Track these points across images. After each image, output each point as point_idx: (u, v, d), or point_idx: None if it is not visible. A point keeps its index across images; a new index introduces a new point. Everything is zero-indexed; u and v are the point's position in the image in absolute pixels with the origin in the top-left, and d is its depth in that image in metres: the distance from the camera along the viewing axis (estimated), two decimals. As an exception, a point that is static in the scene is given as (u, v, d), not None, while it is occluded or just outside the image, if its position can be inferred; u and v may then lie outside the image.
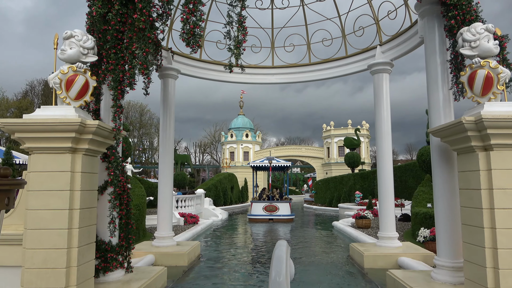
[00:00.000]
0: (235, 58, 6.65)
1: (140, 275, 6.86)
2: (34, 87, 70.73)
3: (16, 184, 1.85)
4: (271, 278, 2.40)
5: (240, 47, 6.28)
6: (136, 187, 15.34)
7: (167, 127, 10.50)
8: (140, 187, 15.49)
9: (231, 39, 6.41)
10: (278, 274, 2.41)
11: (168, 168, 10.39)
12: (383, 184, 10.04)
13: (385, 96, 10.20)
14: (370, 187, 28.56)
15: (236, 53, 6.45)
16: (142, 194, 14.71)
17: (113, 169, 6.16)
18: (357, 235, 13.60)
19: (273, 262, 2.63)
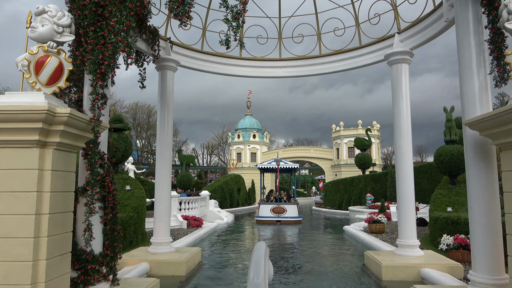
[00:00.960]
0: (233, 32, 5.70)
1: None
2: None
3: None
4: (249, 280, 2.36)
5: (239, 18, 5.34)
6: (136, 188, 14.54)
7: (164, 124, 9.66)
8: (140, 189, 14.68)
9: (228, 8, 5.46)
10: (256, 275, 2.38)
11: (166, 168, 9.54)
12: (402, 186, 9.06)
13: (404, 89, 9.24)
14: (382, 190, 27.46)
15: (234, 26, 5.50)
16: (141, 196, 13.90)
17: (90, 167, 5.30)
18: (371, 241, 12.60)
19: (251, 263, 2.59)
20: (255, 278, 2.39)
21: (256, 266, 2.56)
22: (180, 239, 13.08)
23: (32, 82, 4.71)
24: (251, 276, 2.44)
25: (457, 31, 6.15)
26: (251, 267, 2.56)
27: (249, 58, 11.52)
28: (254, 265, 2.58)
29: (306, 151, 46.85)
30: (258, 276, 2.42)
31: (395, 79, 9.34)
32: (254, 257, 2.72)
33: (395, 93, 9.32)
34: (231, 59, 11.29)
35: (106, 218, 5.91)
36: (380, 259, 8.45)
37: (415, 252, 8.74)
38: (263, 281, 2.38)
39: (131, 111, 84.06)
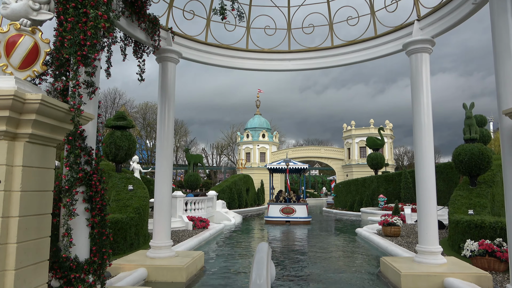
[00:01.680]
0: (231, 1, 5.02)
1: (116, 301, 5.38)
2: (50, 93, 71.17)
3: None
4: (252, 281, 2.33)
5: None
6: (139, 188, 13.98)
7: (165, 119, 9.04)
8: (144, 188, 14.12)
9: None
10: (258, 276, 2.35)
11: (166, 166, 8.92)
12: (423, 187, 8.28)
13: (425, 81, 8.46)
14: (396, 191, 26.51)
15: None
16: (144, 196, 13.32)
17: (69, 163, 4.68)
18: (387, 245, 11.80)
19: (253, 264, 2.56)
20: (257, 279, 2.35)
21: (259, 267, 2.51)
22: (183, 242, 12.46)
23: (2, 65, 4.10)
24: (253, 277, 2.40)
25: (492, 9, 5.38)
26: (254, 268, 2.51)
27: (256, 50, 10.85)
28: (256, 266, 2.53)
29: (317, 151, 45.89)
30: (260, 277, 2.38)
31: (414, 70, 8.57)
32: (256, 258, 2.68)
33: (414, 86, 8.54)
34: (237, 51, 10.64)
35: (93, 220, 5.30)
36: (398, 267, 7.69)
37: (437, 259, 7.96)
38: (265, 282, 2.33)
39: (141, 111, 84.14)
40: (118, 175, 14.74)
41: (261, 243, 3.09)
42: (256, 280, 2.41)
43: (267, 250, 3.00)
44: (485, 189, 14.26)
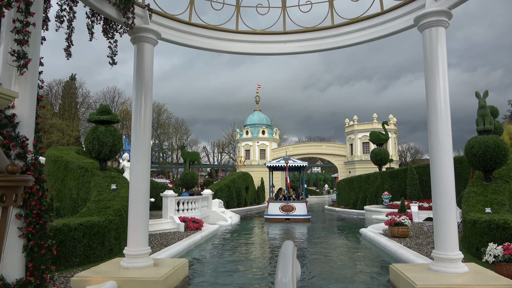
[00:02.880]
0: None
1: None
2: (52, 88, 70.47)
3: (24, 180, 1.84)
4: (277, 279, 2.34)
5: None
6: (123, 187, 12.84)
7: (141, 108, 7.87)
8: (127, 188, 12.95)
9: None
10: (284, 275, 2.36)
11: (143, 162, 7.75)
12: (440, 183, 7.10)
13: (441, 60, 7.25)
14: (401, 187, 25.30)
15: None
16: (127, 196, 12.14)
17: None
18: (396, 248, 10.62)
19: (279, 262, 2.55)
20: (283, 277, 2.34)
21: (284, 265, 2.48)
22: (171, 246, 11.32)
23: None
24: (279, 276, 2.38)
25: None
26: (279, 267, 2.48)
27: (248, 32, 9.66)
28: (282, 264, 2.49)
29: (318, 148, 44.53)
30: (286, 275, 2.35)
31: (429, 48, 7.37)
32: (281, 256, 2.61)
33: (429, 65, 7.34)
34: (225, 32, 9.45)
35: (28, 230, 4.14)
36: (412, 277, 6.52)
37: (457, 267, 6.77)
38: (291, 280, 2.31)
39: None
40: (101, 174, 13.62)
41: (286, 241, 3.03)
42: (282, 278, 2.36)
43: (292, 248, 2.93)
44: (502, 184, 13.05)
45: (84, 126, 66.92)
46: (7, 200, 1.82)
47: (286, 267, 2.51)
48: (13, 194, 1.83)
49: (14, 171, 1.81)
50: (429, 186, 23.33)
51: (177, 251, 10.70)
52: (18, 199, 1.88)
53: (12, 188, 1.81)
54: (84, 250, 9.02)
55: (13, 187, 1.82)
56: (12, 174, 1.80)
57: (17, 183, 1.83)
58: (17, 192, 1.86)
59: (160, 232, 14.79)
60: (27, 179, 1.93)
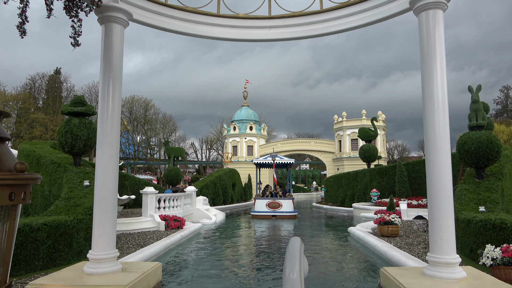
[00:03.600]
0: None
1: None
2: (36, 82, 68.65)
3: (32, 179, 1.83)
4: (285, 275, 2.31)
5: None
6: (98, 183, 11.98)
7: (108, 95, 7.07)
8: (103, 184, 12.12)
9: None
10: (291, 271, 2.32)
11: (110, 156, 6.97)
12: (436, 181, 6.49)
13: (439, 45, 6.64)
14: (389, 185, 24.89)
15: None
16: (102, 193, 11.31)
17: None
18: (385, 249, 10.04)
19: (286, 258, 2.50)
20: (290, 274, 2.30)
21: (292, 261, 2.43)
22: (147, 247, 10.56)
23: None
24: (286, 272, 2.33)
25: None
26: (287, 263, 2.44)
27: (230, 16, 8.92)
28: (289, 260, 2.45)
29: (306, 144, 43.97)
30: (293, 271, 2.31)
31: (425, 32, 6.74)
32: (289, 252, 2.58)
33: (425, 51, 6.72)
34: (205, 16, 8.69)
35: None
36: (406, 284, 5.91)
37: (455, 272, 6.19)
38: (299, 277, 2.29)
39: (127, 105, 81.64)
40: (75, 169, 12.74)
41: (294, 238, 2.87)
42: (289, 275, 2.30)
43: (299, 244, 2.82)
44: (494, 182, 12.60)
45: (68, 121, 65.17)
46: (16, 198, 1.81)
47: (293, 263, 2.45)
48: (21, 192, 1.83)
49: (23, 169, 1.82)
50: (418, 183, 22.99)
51: (153, 252, 9.94)
52: (26, 197, 1.87)
53: (21, 186, 1.82)
54: (48, 253, 8.20)
55: (22, 185, 1.83)
56: (21, 172, 1.81)
57: (26, 181, 1.83)
58: (25, 190, 1.86)
59: (138, 231, 13.99)
60: (35, 177, 1.91)
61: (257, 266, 9.46)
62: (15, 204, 1.81)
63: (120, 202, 17.96)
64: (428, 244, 11.25)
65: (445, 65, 6.67)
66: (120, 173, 22.46)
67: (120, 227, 13.78)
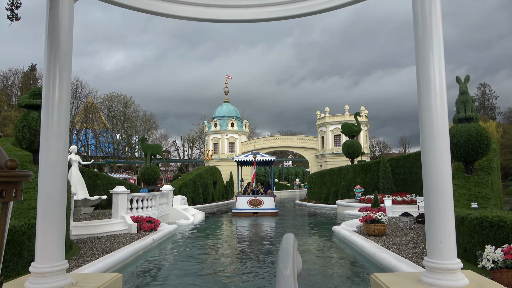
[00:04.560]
0: None
1: None
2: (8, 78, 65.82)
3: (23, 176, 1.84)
4: (278, 271, 2.34)
5: None
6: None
7: (55, 80, 5.99)
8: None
9: None
10: (285, 267, 2.33)
11: (57, 150, 5.91)
12: (434, 175, 5.69)
13: (435, 22, 5.84)
14: (373, 181, 24.37)
15: None
16: (62, 193, 10.18)
17: None
18: (374, 251, 9.27)
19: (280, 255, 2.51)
20: (284, 269, 2.30)
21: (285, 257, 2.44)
22: (113, 252, 9.49)
23: None
24: (279, 268, 2.35)
25: None
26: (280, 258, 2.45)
27: (201, -7, 7.92)
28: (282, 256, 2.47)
29: (289, 141, 43.21)
30: (287, 267, 2.32)
31: (420, 9, 5.93)
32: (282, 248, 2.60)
33: (421, 28, 5.91)
34: (171, -8, 7.67)
35: None
36: (402, 294, 5.10)
37: (456, 279, 5.41)
38: (292, 272, 2.30)
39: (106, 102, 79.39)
40: (34, 168, 11.53)
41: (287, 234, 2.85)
42: (282, 270, 2.31)
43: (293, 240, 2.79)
44: (484, 176, 12.06)
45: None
46: (7, 195, 1.78)
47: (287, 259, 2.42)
48: (13, 190, 1.81)
49: (14, 166, 1.81)
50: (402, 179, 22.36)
51: (118, 259, 8.89)
52: (18, 195, 1.86)
53: (12, 184, 1.79)
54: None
55: (13, 183, 1.80)
56: (12, 169, 1.80)
57: (17, 179, 1.81)
58: (17, 188, 1.85)
59: (107, 234, 12.88)
60: (27, 174, 1.89)
61: (236, 273, 8.54)
62: (6, 201, 1.81)
63: (90, 203, 16.78)
64: (417, 243, 10.58)
65: (442, 44, 5.88)
66: (93, 172, 21.18)
67: (87, 230, 12.66)
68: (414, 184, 21.87)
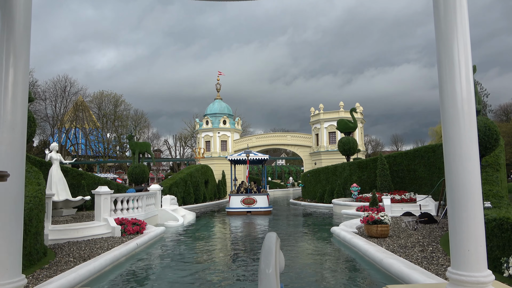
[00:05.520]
0: None
1: None
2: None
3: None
4: (260, 270, 2.35)
5: None
6: (31, 183, 9.85)
7: (9, 66, 5.01)
8: (37, 184, 9.96)
9: None
10: (267, 265, 2.34)
11: (9, 145, 4.93)
12: (459, 171, 4.83)
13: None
14: (370, 179, 23.61)
15: None
16: (33, 195, 9.17)
17: None
18: (380, 256, 8.41)
19: (262, 253, 2.50)
20: (266, 268, 2.30)
21: (267, 256, 2.43)
22: (91, 260, 8.51)
23: None
24: (262, 267, 2.35)
25: None
26: (262, 257, 2.44)
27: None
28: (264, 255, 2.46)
29: (283, 138, 42.29)
30: (269, 266, 2.32)
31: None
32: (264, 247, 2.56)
33: (443, 4, 5.03)
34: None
35: None
36: (425, 315, 4.22)
37: (487, 295, 4.55)
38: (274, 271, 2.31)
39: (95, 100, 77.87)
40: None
41: (270, 232, 2.77)
42: (265, 269, 2.31)
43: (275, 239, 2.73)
44: (493, 173, 11.29)
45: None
46: None
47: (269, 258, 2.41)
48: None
49: None
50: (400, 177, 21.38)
51: (95, 269, 7.90)
52: None
53: None
54: None
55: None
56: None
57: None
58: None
59: (89, 238, 11.89)
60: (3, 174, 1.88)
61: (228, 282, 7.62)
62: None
63: (72, 204, 15.71)
64: (424, 246, 9.77)
65: (467, 15, 5.01)
66: (77, 171, 20.11)
67: (66, 234, 11.65)
68: (413, 182, 21.12)
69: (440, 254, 8.86)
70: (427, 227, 13.50)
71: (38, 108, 62.23)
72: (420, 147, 21.56)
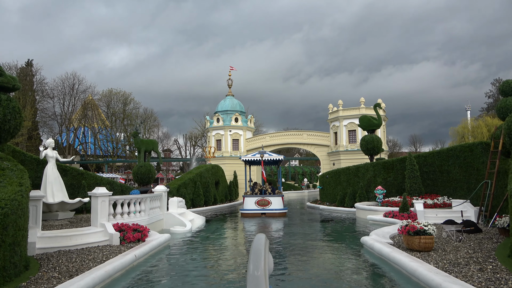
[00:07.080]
0: None
1: None
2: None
3: None
4: (249, 272, 2.31)
5: None
6: (11, 184, 8.28)
7: None
8: (19, 185, 8.39)
9: None
10: (256, 268, 2.31)
11: None
12: None
13: None
14: (397, 181, 21.60)
15: None
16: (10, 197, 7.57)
17: None
18: (438, 280, 6.50)
19: (251, 255, 2.46)
20: (255, 271, 2.28)
21: (256, 258, 2.39)
22: (79, 276, 6.89)
23: None
24: (251, 269, 2.31)
25: None
26: (251, 260, 2.40)
27: None
28: (253, 257, 2.42)
29: (298, 137, 40.25)
30: (258, 269, 2.30)
31: None
32: (253, 249, 2.53)
33: None
34: None
35: None
36: None
37: None
38: (263, 273, 2.28)
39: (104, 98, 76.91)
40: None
41: (258, 234, 2.69)
42: (254, 272, 2.28)
43: (264, 241, 2.66)
44: None
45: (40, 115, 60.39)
46: None
47: (258, 260, 2.37)
48: None
49: None
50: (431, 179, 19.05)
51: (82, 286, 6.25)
52: None
53: None
54: None
55: None
56: None
57: None
58: None
59: (83, 247, 10.33)
60: None
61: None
62: None
63: (69, 207, 14.19)
64: (481, 263, 7.89)
65: None
66: (78, 170, 18.65)
67: (57, 242, 10.14)
68: (446, 184, 19.05)
69: (505, 274, 7.02)
70: (472, 237, 11.57)
71: (46, 106, 61.46)
72: (455, 145, 19.44)
